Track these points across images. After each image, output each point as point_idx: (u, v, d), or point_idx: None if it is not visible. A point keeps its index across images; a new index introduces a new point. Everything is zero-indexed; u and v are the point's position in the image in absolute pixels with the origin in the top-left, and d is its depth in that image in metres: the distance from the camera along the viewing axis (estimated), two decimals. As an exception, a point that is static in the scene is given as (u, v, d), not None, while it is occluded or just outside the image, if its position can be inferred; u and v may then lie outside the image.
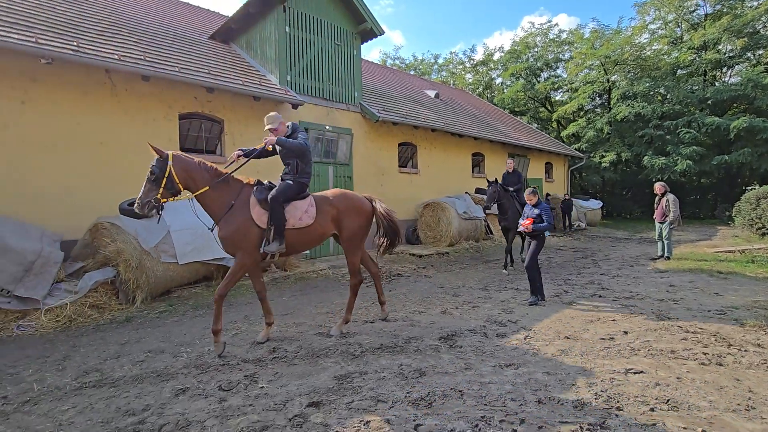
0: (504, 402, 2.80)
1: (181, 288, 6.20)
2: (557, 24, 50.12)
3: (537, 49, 28.05)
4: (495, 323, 4.67)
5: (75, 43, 6.22)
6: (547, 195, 17.69)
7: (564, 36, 27.53)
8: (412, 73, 29.11)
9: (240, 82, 7.99)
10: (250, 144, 6.69)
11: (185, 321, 4.92)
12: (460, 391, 2.95)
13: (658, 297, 5.78)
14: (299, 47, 9.16)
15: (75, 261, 5.85)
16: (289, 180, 4.09)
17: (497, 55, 30.43)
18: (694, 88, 21.50)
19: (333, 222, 4.23)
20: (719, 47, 20.42)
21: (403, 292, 6.38)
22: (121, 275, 5.48)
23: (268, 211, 3.85)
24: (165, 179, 3.54)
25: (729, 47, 20.57)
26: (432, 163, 12.88)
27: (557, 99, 28.69)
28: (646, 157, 19.80)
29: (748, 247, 9.92)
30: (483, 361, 3.53)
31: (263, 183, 4.05)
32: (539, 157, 18.20)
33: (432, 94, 16.05)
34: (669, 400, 2.81)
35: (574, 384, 3.07)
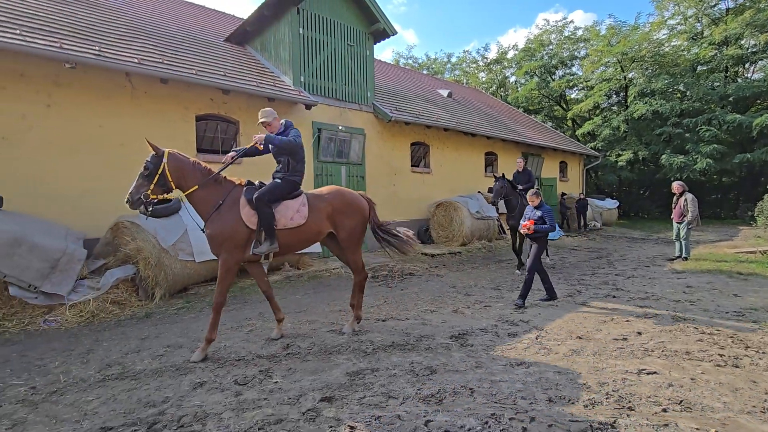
0: (514, 400, 2.82)
1: (198, 285, 6.36)
2: (572, 21, 49.05)
3: (552, 47, 27.57)
4: (507, 322, 4.67)
5: (97, 48, 6.43)
6: (563, 194, 17.45)
7: (579, 33, 27.03)
8: (424, 73, 29.06)
9: (255, 83, 8.13)
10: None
11: (202, 317, 5.04)
12: (470, 389, 2.97)
13: (674, 298, 5.69)
14: (312, 48, 9.27)
15: (97, 258, 6.06)
16: (279, 178, 4.01)
17: (511, 54, 30.07)
18: (714, 84, 20.92)
19: (328, 220, 4.15)
20: (741, 42, 19.81)
21: (415, 291, 6.41)
22: (141, 272, 5.67)
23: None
24: (158, 176, 3.60)
25: (752, 42, 19.91)
26: (444, 163, 12.86)
27: (572, 97, 28.23)
28: (664, 156, 19.38)
29: (770, 248, 9.66)
30: (494, 360, 3.55)
31: (254, 183, 4.00)
32: (554, 156, 17.98)
33: (445, 93, 15.99)
34: (682, 400, 2.79)
35: (585, 383, 3.06)
